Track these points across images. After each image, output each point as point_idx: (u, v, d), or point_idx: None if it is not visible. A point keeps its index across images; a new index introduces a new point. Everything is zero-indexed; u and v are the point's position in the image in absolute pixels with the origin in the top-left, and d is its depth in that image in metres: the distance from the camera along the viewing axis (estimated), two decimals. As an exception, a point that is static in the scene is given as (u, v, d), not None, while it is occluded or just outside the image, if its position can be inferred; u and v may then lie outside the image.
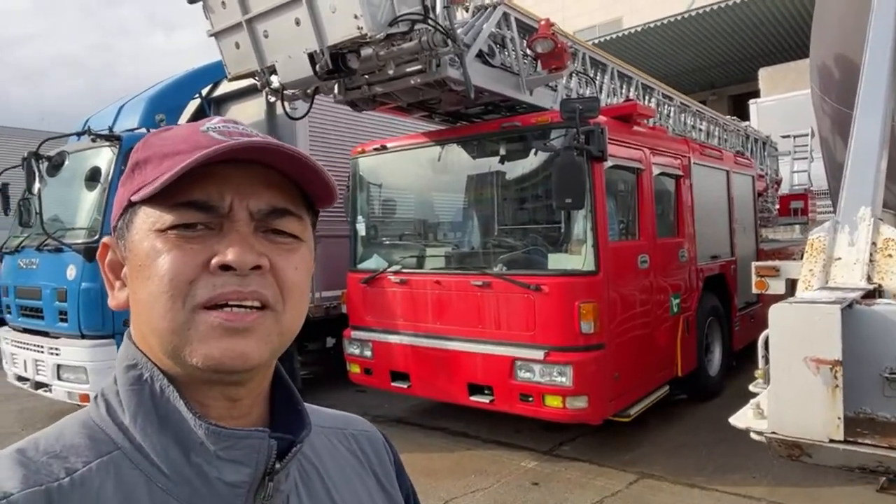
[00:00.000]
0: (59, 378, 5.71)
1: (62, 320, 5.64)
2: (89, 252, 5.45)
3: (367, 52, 4.16)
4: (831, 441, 1.63)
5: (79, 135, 6.16)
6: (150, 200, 0.64)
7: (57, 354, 5.71)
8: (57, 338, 5.75)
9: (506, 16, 5.05)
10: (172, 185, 0.61)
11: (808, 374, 1.62)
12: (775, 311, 1.76)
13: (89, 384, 5.45)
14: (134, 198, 0.65)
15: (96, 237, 5.50)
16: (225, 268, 0.63)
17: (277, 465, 0.67)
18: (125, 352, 0.68)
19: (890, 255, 2.02)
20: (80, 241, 5.59)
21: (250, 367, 0.65)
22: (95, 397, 0.69)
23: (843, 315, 1.67)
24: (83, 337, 5.52)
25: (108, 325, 5.51)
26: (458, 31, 4.42)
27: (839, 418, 1.62)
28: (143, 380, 0.65)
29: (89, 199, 5.80)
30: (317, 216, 0.76)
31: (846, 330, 1.67)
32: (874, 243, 2.06)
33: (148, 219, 0.65)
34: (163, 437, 0.63)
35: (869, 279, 2.01)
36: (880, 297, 1.94)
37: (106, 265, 0.71)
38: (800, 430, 1.67)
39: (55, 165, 5.80)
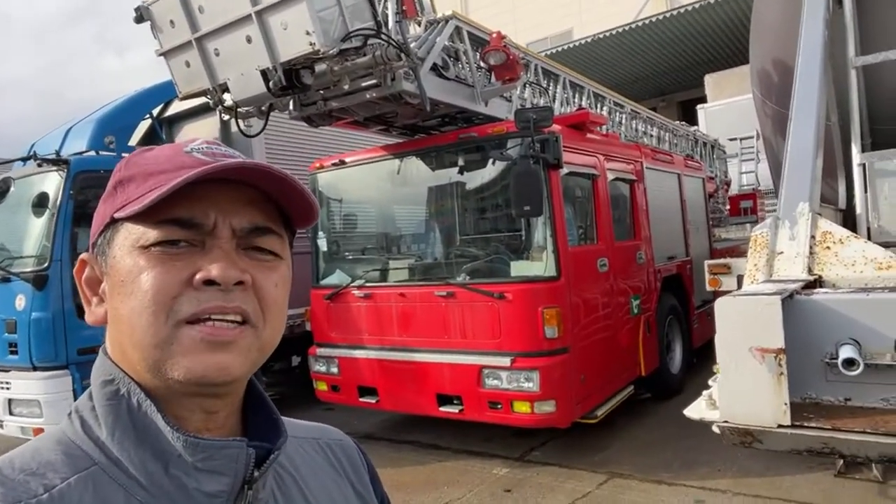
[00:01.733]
0: (10, 413, 5.46)
1: (12, 352, 5.41)
2: (39, 281, 5.26)
3: (320, 67, 4.17)
4: (780, 426, 1.70)
5: (24, 160, 5.95)
6: (134, 217, 0.64)
7: (7, 388, 5.47)
8: (7, 371, 5.50)
9: (458, 29, 5.13)
10: (157, 203, 0.63)
11: (754, 363, 1.69)
12: (720, 304, 1.83)
13: (43, 418, 5.23)
14: (118, 214, 0.66)
15: (46, 265, 5.31)
16: (209, 283, 0.64)
17: (256, 474, 0.68)
18: (101, 367, 0.69)
19: (828, 248, 2.13)
20: (28, 269, 5.38)
21: (231, 380, 0.66)
22: (69, 414, 0.69)
23: (785, 305, 1.75)
24: (35, 369, 5.29)
25: (62, 356, 5.30)
26: (412, 45, 4.47)
27: (786, 404, 1.70)
28: (120, 394, 0.65)
29: (38, 226, 5.60)
30: (293, 235, 0.77)
31: (788, 319, 1.76)
32: (813, 237, 2.17)
33: (131, 235, 0.65)
34: (141, 450, 0.64)
35: (810, 271, 2.11)
36: (821, 287, 2.05)
37: (83, 281, 0.72)
38: (749, 418, 1.74)
39: (0, 193, 5.60)
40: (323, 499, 0.79)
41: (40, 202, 5.59)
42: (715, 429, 2.03)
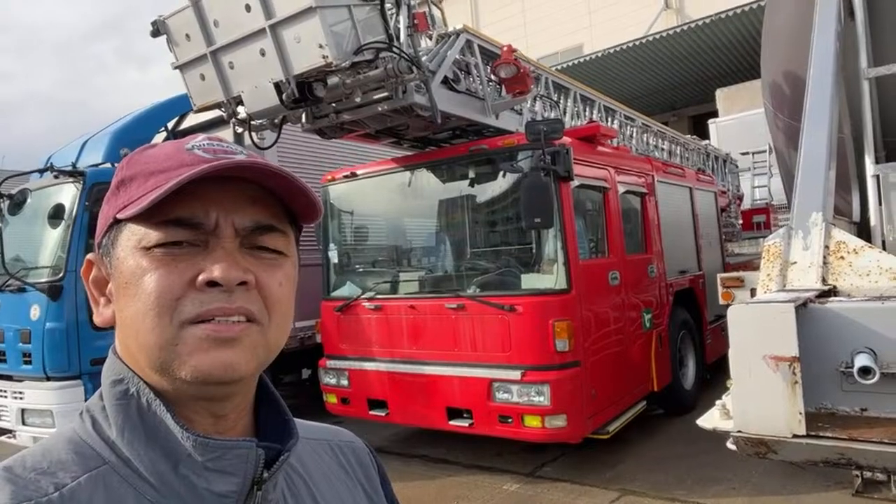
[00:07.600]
0: (23, 423, 5.50)
1: (26, 362, 5.46)
2: (54, 291, 5.32)
3: (333, 80, 4.21)
4: (794, 436, 1.67)
5: (41, 171, 6.06)
6: (136, 218, 0.64)
7: (21, 398, 5.51)
8: (21, 381, 5.55)
9: (469, 43, 5.17)
10: (158, 203, 0.62)
11: (767, 372, 1.67)
12: (734, 312, 1.81)
13: (56, 428, 5.27)
14: (120, 215, 0.65)
15: (61, 276, 5.37)
16: (211, 284, 0.63)
17: (265, 474, 0.67)
18: (111, 367, 0.69)
19: (842, 258, 2.10)
20: (43, 280, 5.45)
21: (238, 378, 0.66)
22: (81, 413, 0.69)
23: (799, 314, 1.73)
24: (48, 379, 5.33)
25: (75, 366, 5.34)
26: (423, 58, 4.51)
27: (801, 413, 1.67)
28: (129, 394, 0.65)
29: (53, 237, 5.67)
30: (300, 231, 0.77)
31: (802, 328, 1.73)
32: (827, 246, 2.14)
33: (133, 236, 0.65)
34: (150, 450, 0.64)
35: (824, 281, 2.09)
36: (835, 297, 2.02)
37: (90, 282, 0.72)
38: (764, 428, 1.71)
39: (17, 204, 5.70)
40: (333, 500, 0.79)
41: (56, 214, 5.67)
42: (729, 444, 2.00)
